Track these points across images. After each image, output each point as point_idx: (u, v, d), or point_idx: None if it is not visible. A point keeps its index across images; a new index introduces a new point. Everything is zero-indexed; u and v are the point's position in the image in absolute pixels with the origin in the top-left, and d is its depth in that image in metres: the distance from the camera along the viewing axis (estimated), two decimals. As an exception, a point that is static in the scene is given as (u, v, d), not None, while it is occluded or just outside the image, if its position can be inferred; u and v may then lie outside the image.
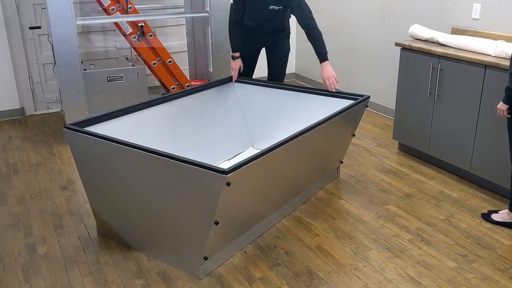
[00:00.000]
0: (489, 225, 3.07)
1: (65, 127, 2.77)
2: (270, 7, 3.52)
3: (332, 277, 2.59)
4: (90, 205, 2.98)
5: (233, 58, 3.81)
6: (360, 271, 2.65)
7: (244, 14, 3.64)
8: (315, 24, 3.47)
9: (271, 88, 3.81)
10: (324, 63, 3.44)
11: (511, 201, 2.99)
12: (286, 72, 3.90)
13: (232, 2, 3.59)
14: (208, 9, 4.73)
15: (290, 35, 3.93)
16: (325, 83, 3.47)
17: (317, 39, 3.45)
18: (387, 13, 4.86)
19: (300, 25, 3.52)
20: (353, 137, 3.68)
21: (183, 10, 5.35)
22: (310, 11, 3.49)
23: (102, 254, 2.81)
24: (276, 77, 3.96)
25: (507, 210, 3.04)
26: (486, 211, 3.18)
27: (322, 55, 3.44)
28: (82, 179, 2.91)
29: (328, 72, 3.42)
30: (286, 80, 4.08)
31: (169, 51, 5.02)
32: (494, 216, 3.09)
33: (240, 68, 3.86)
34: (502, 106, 2.85)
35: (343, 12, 5.48)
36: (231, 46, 3.82)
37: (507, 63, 3.13)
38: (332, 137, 3.32)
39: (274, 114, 3.78)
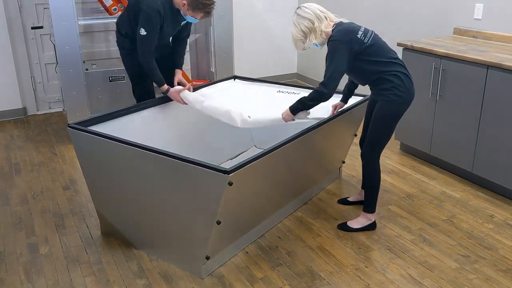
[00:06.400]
0: (491, 225, 3.06)
1: (69, 126, 2.77)
2: (182, 24, 3.45)
3: (333, 278, 2.59)
4: (94, 203, 2.99)
5: (166, 92, 3.34)
6: (362, 271, 2.65)
7: None
8: None
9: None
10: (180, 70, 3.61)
11: None
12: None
13: (144, 34, 3.22)
14: (210, 9, 4.73)
15: None
16: (183, 85, 3.48)
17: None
18: (389, 13, 4.85)
19: (179, 36, 3.59)
20: (355, 137, 3.67)
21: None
22: None
23: (104, 254, 2.82)
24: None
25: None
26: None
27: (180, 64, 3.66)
28: (86, 178, 2.92)
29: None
30: (287, 80, 4.08)
31: (171, 51, 5.02)
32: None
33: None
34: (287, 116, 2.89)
35: (344, 12, 5.46)
36: (157, 80, 3.36)
37: (510, 63, 3.13)
38: (334, 137, 3.32)
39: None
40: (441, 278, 2.58)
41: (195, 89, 3.64)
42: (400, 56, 3.92)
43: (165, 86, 3.32)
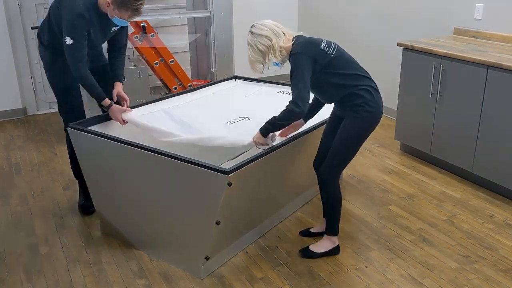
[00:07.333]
0: (491, 225, 3.06)
1: (69, 127, 2.77)
2: (112, 30, 3.06)
3: (333, 278, 2.59)
4: (94, 203, 2.99)
5: (108, 107, 2.95)
6: (362, 271, 2.65)
7: None
8: None
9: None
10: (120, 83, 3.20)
11: None
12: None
13: (71, 42, 2.79)
14: (210, 9, 4.74)
15: None
16: (122, 99, 3.12)
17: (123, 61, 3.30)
18: (389, 13, 4.85)
19: (116, 45, 3.19)
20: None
21: (185, 10, 5.35)
22: None
23: (104, 254, 2.82)
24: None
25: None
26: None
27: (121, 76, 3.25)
28: (86, 178, 2.92)
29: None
30: (288, 80, 4.05)
31: (171, 51, 5.02)
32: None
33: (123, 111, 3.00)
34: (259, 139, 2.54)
35: (345, 12, 5.47)
36: (96, 94, 2.92)
37: (510, 63, 3.12)
38: (334, 137, 3.32)
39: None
40: (441, 278, 2.58)
41: (195, 89, 3.65)
42: (400, 56, 3.95)
43: (107, 101, 2.94)
